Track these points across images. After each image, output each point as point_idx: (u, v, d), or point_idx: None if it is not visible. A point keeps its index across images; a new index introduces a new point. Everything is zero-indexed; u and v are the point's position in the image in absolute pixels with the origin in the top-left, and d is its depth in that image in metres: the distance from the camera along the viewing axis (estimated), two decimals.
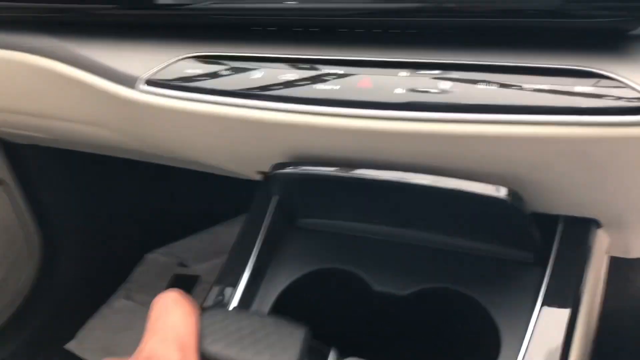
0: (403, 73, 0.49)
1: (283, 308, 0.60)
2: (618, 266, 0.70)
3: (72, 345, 1.32)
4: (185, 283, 1.45)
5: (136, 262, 1.51)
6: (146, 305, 1.48)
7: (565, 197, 0.52)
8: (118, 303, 1.42)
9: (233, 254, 0.63)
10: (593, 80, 0.43)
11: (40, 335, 1.29)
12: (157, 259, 1.52)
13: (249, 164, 0.65)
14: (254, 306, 0.60)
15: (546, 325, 0.51)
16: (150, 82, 0.57)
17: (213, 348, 0.39)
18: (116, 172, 1.33)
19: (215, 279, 0.62)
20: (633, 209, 0.53)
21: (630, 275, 1.13)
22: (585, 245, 0.55)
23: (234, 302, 0.59)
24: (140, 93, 0.57)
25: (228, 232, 1.54)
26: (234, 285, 0.60)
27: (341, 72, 0.50)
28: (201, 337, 0.39)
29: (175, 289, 0.42)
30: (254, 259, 0.62)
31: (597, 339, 0.62)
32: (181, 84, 0.56)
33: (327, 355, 0.41)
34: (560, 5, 0.43)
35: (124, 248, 1.48)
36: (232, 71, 0.54)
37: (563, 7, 0.43)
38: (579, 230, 0.55)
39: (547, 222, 0.55)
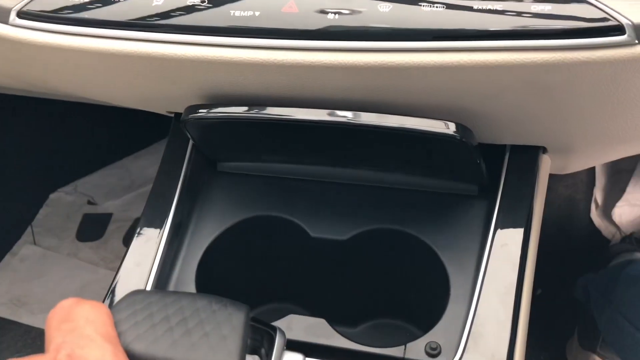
0: None
1: (211, 265, 0.54)
2: None
3: None
4: (97, 222, 1.36)
5: (40, 204, 1.38)
6: (56, 250, 1.36)
7: (514, 127, 0.48)
8: (24, 250, 1.31)
9: (149, 208, 0.55)
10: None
11: None
12: (62, 198, 1.41)
13: (157, 105, 0.57)
14: (179, 265, 0.54)
15: (500, 255, 0.49)
16: (23, 14, 0.46)
17: (138, 346, 0.33)
18: (7, 107, 1.18)
19: (132, 238, 0.54)
20: (581, 135, 0.50)
21: (550, 183, 1.15)
22: (533, 172, 0.52)
23: (156, 264, 0.52)
24: (12, 28, 0.47)
25: (138, 165, 1.44)
26: (155, 243, 0.53)
27: (262, 3, 0.42)
28: (122, 332, 0.33)
29: (71, 298, 0.33)
30: (174, 211, 0.54)
31: None
32: (64, 16, 0.46)
33: (274, 337, 0.36)
34: None
35: (25, 189, 1.35)
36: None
37: None
38: (526, 158, 0.52)
39: (492, 152, 0.52)
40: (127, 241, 1.29)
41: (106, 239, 1.30)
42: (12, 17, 0.46)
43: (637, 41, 0.37)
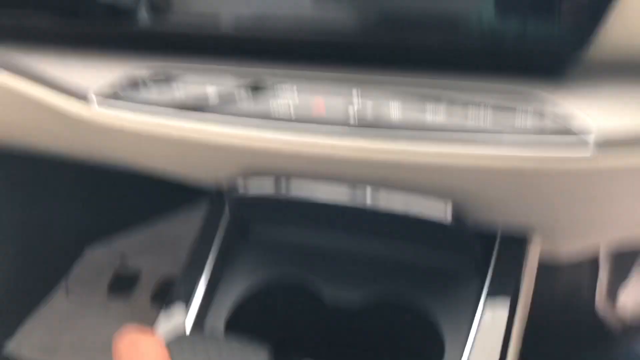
0: (356, 97, 0.50)
1: (237, 323, 0.62)
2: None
3: (10, 347, 1.28)
4: (128, 279, 1.44)
5: (76, 259, 1.47)
6: (86, 306, 1.43)
7: (504, 213, 0.55)
8: (57, 302, 1.39)
9: (185, 273, 0.63)
10: (536, 112, 0.45)
11: None
12: (96, 254, 1.50)
13: (200, 177, 0.66)
14: (208, 323, 0.61)
15: (486, 331, 0.55)
16: (100, 97, 0.56)
17: None
18: (50, 167, 1.29)
19: (168, 297, 0.62)
20: (568, 223, 0.56)
21: (555, 271, 1.19)
22: (521, 256, 0.58)
23: (190, 319, 0.59)
24: (91, 109, 0.56)
25: (170, 227, 1.52)
26: (187, 301, 0.61)
27: (297, 101, 0.51)
28: None
29: (136, 326, 0.41)
30: (209, 273, 0.63)
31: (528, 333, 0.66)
32: (132, 97, 0.55)
33: None
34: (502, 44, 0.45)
35: (62, 245, 1.45)
36: (186, 86, 0.54)
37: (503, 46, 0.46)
38: (516, 241, 0.58)
39: (487, 234, 0.59)
40: (155, 298, 1.37)
41: (136, 296, 1.38)
42: (91, 99, 0.56)
43: (597, 154, 0.43)
